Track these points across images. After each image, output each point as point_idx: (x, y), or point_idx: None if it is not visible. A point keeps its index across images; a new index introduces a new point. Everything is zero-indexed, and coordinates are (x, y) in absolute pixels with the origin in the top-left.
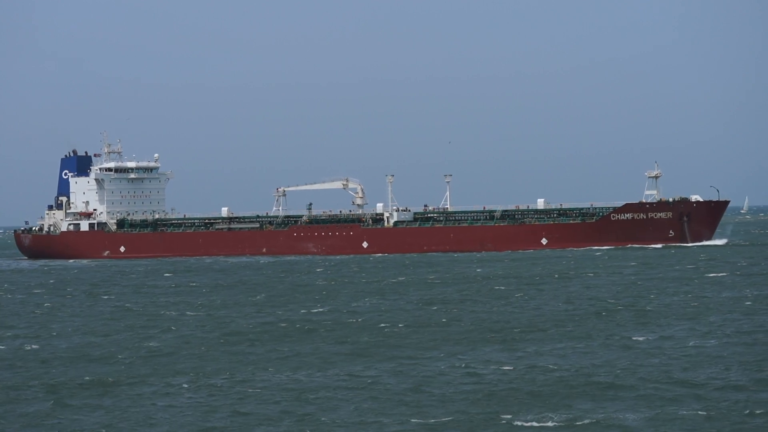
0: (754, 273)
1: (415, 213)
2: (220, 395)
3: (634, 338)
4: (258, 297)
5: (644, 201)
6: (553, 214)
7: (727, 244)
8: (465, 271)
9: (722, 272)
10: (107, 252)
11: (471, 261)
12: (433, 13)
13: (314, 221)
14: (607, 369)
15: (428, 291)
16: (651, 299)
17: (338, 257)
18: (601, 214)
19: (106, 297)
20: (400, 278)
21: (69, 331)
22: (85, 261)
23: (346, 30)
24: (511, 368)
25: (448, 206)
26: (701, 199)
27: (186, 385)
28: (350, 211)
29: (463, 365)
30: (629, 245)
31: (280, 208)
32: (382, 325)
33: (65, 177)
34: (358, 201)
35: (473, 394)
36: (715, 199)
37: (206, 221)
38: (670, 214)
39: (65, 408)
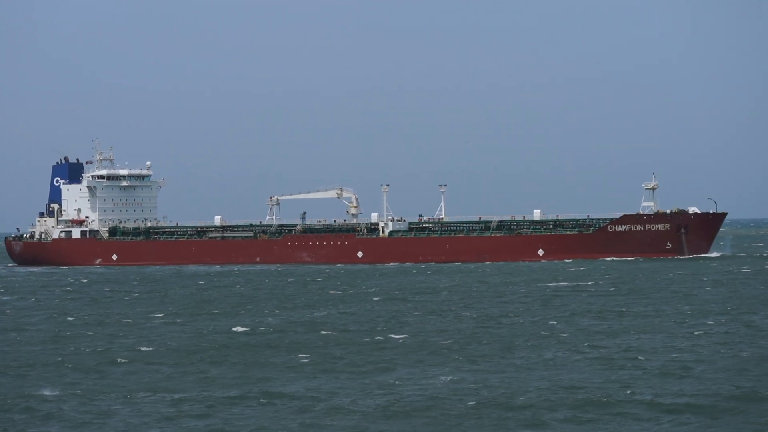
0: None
1: (410, 223)
2: (170, 406)
3: (596, 351)
4: (216, 306)
5: (641, 212)
6: (550, 225)
7: (723, 256)
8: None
9: (707, 285)
10: (99, 260)
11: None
12: (429, 23)
13: (308, 230)
14: (552, 385)
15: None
16: (621, 311)
17: (328, 266)
18: (598, 225)
19: (58, 302)
20: (370, 289)
21: (18, 340)
22: (65, 268)
23: (342, 38)
24: (469, 385)
25: (442, 216)
26: (699, 211)
27: (138, 398)
28: (345, 220)
29: (413, 381)
30: (626, 257)
31: (274, 216)
32: (325, 332)
33: (57, 184)
34: (353, 210)
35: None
36: (712, 211)
37: (199, 230)
38: (667, 226)
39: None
